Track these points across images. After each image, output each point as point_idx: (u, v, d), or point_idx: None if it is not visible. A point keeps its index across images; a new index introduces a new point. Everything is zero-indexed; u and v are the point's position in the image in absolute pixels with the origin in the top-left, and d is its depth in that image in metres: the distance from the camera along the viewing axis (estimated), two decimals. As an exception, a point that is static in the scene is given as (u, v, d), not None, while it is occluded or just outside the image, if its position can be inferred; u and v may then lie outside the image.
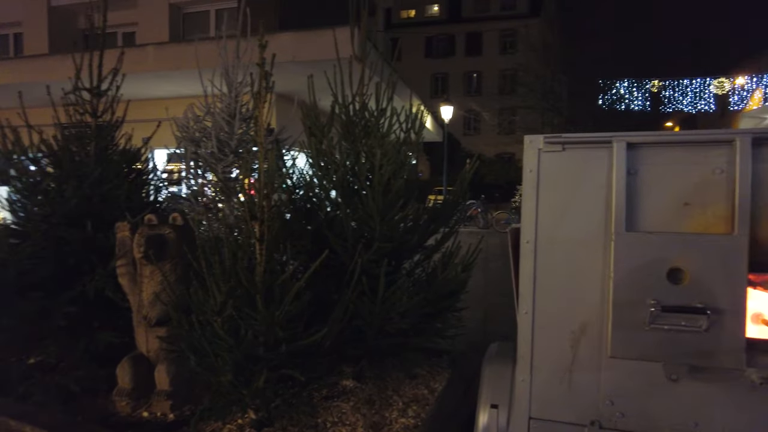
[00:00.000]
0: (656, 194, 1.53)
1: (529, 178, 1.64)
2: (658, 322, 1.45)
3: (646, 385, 1.56)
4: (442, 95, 32.18)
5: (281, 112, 7.23)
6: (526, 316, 1.67)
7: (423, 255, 3.59)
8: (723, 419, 1.52)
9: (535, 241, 1.64)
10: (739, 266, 1.41)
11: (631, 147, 1.53)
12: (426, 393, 3.63)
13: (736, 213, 1.44)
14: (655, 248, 1.47)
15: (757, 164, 1.43)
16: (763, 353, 1.47)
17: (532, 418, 1.70)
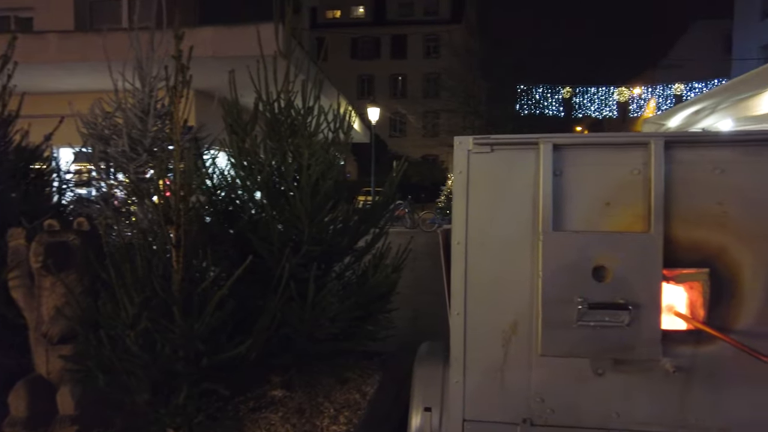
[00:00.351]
0: (580, 194, 1.57)
1: (459, 179, 1.63)
2: (585, 319, 1.49)
3: (574, 381, 1.61)
4: (368, 96, 32.35)
5: (200, 109, 6.85)
6: (458, 318, 1.66)
7: (353, 257, 3.53)
8: (641, 407, 1.59)
9: (465, 242, 1.63)
10: (655, 263, 1.48)
11: (557, 148, 1.56)
12: (358, 397, 3.57)
13: (651, 212, 1.51)
14: (581, 247, 1.52)
15: (669, 165, 1.51)
16: (675, 343, 1.56)
17: (466, 420, 1.69)
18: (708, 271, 1.53)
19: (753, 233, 1.50)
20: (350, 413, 3.31)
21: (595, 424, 1.62)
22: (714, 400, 1.55)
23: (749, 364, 1.52)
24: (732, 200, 1.51)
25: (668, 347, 1.54)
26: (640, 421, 1.59)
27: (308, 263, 2.84)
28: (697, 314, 1.57)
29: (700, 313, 1.56)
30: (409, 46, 37.55)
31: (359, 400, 3.52)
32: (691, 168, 1.52)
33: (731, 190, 1.51)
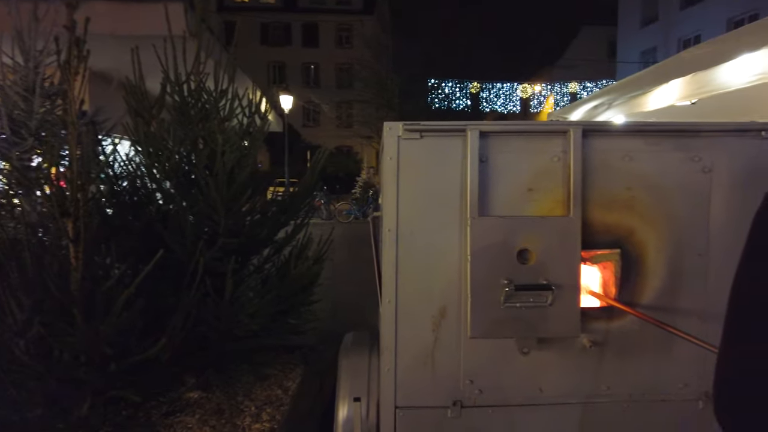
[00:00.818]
0: (505, 181, 1.62)
1: (389, 165, 1.61)
2: (512, 300, 1.54)
3: (501, 361, 1.66)
4: (280, 84, 31.49)
5: (97, 92, 6.23)
6: (390, 305, 1.64)
7: (273, 249, 3.41)
8: (561, 381, 1.69)
9: (396, 229, 1.62)
10: (574, 245, 1.56)
11: (483, 136, 1.59)
12: (280, 393, 3.47)
13: (570, 197, 1.59)
14: (506, 232, 1.56)
15: (586, 153, 1.60)
16: (591, 320, 1.67)
17: (398, 407, 1.69)
18: (619, 251, 1.65)
19: (655, 216, 1.64)
20: (273, 410, 3.21)
21: (521, 401, 1.69)
22: (622, 369, 1.69)
23: (653, 335, 1.67)
24: (638, 185, 1.64)
25: (585, 324, 1.64)
26: (561, 394, 1.69)
27: (225, 257, 2.69)
28: (610, 292, 1.69)
29: (612, 290, 1.68)
30: (321, 35, 37.03)
31: (281, 396, 3.43)
32: (605, 155, 1.62)
33: (638, 176, 1.63)
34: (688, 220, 1.64)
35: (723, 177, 1.64)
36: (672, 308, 1.68)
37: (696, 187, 1.64)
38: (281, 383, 3.60)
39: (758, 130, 1.65)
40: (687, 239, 1.65)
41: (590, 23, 32.79)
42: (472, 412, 1.69)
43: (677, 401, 1.71)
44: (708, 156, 1.63)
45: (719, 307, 1.71)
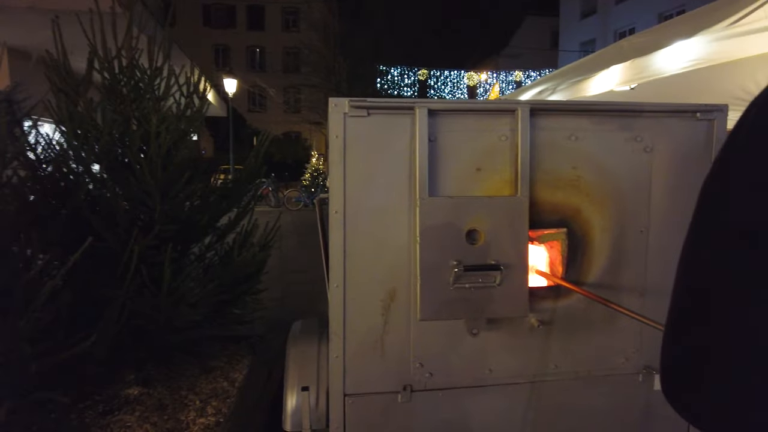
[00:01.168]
0: (454, 160, 1.59)
1: (335, 144, 1.54)
2: (461, 281, 1.51)
3: (451, 343, 1.64)
4: (224, 68, 30.35)
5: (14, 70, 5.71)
6: (338, 290, 1.58)
7: (215, 236, 3.25)
8: (510, 362, 1.70)
9: (344, 211, 1.55)
10: (522, 225, 1.56)
11: (432, 114, 1.55)
12: (226, 385, 3.35)
13: (518, 176, 1.58)
14: (454, 212, 1.53)
15: (533, 132, 1.60)
16: (539, 299, 1.68)
17: (347, 394, 1.64)
18: (566, 230, 1.66)
19: (600, 195, 1.66)
20: (219, 403, 3.09)
21: (471, 383, 1.68)
22: (569, 347, 1.71)
23: (598, 313, 1.70)
24: (584, 165, 1.65)
25: (533, 303, 1.65)
26: (510, 374, 1.70)
27: (162, 245, 2.53)
28: (557, 271, 1.70)
29: (558, 270, 1.69)
30: (267, 18, 35.89)
31: (228, 388, 3.31)
32: (552, 135, 1.62)
33: (583, 155, 1.65)
34: (630, 198, 1.68)
35: (662, 156, 1.68)
36: (615, 285, 1.72)
37: (638, 166, 1.67)
38: (228, 375, 3.48)
39: (693, 111, 1.70)
40: (630, 217, 1.69)
41: (534, 14, 33.62)
42: (422, 396, 1.67)
43: (619, 375, 1.76)
44: (649, 136, 1.67)
45: (658, 283, 1.78)
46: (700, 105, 1.68)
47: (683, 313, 0.58)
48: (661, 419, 1.81)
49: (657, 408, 1.80)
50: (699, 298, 0.56)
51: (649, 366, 1.77)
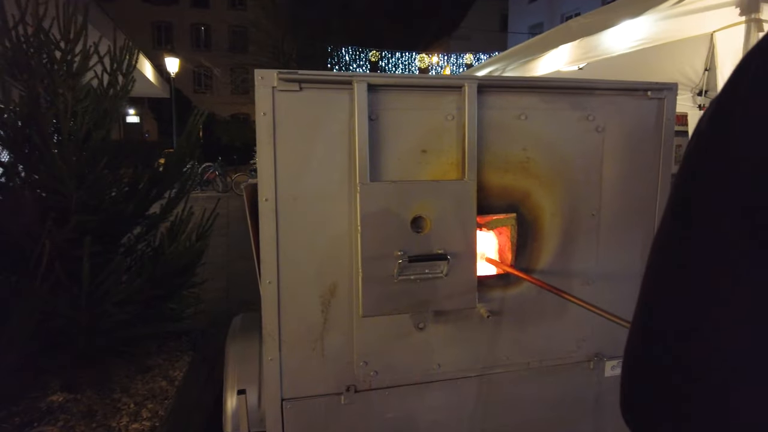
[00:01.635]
0: (397, 141, 1.45)
1: (263, 122, 1.36)
2: (406, 272, 1.39)
3: (396, 339, 1.53)
4: (165, 46, 28.81)
5: None
6: (271, 286, 1.42)
7: (146, 226, 2.99)
8: (459, 355, 1.60)
9: (275, 198, 1.39)
10: (470, 211, 1.45)
11: (372, 90, 1.40)
12: (164, 385, 3.13)
13: (466, 159, 1.46)
14: (398, 198, 1.40)
15: (481, 111, 1.48)
16: (488, 288, 1.59)
17: (285, 399, 1.49)
18: (515, 216, 1.57)
19: (550, 177, 1.58)
20: (155, 405, 2.88)
21: (419, 379, 1.58)
22: (521, 337, 1.64)
23: (549, 300, 1.63)
24: (534, 146, 1.55)
25: (482, 293, 1.56)
26: (460, 368, 1.61)
27: (81, 237, 2.27)
28: (506, 258, 1.61)
29: (508, 257, 1.60)
30: (211, -6, 34.23)
31: (166, 388, 3.09)
32: (501, 114, 1.51)
33: (533, 136, 1.55)
34: (582, 180, 1.60)
35: (613, 136, 1.61)
36: (566, 271, 1.65)
37: (589, 146, 1.59)
38: (166, 374, 3.26)
39: (644, 89, 1.63)
40: (581, 200, 1.61)
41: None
42: (367, 396, 1.55)
43: (571, 364, 1.71)
44: (600, 115, 1.59)
45: (608, 268, 1.73)
46: (652, 83, 1.62)
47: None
48: (611, 405, 1.78)
49: (607, 394, 1.77)
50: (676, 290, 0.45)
51: (600, 353, 1.72)
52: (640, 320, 0.48)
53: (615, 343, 1.73)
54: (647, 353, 0.46)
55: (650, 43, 2.66)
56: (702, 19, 2.39)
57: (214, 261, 6.95)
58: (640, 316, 0.48)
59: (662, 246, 0.46)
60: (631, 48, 2.74)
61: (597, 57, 3.04)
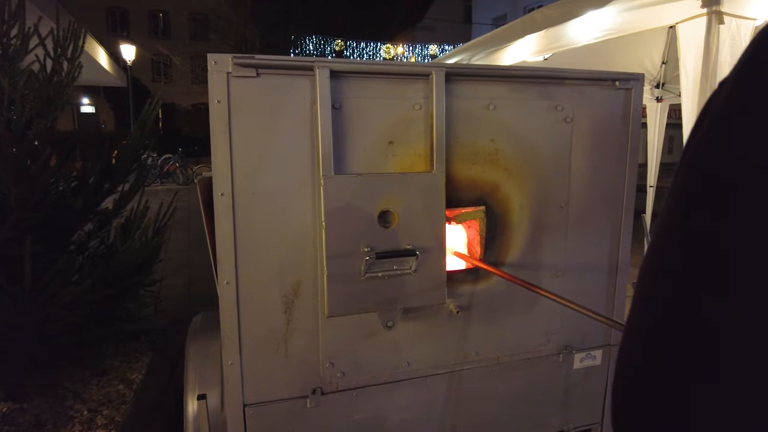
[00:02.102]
0: (362, 131, 1.38)
1: (217, 110, 1.27)
2: (373, 269, 1.33)
3: (364, 338, 1.47)
4: (121, 33, 27.62)
5: None
6: (229, 287, 1.34)
7: (98, 222, 2.82)
8: (429, 352, 1.56)
9: (232, 193, 1.29)
10: (439, 204, 1.40)
11: (335, 76, 1.32)
12: (122, 389, 2.99)
13: (434, 150, 1.41)
14: (365, 191, 1.34)
15: (449, 100, 1.42)
16: (457, 283, 1.54)
17: (247, 405, 1.41)
18: (484, 208, 1.52)
19: (519, 169, 1.54)
20: (111, 411, 2.74)
21: (387, 378, 1.53)
22: (491, 332, 1.61)
23: (518, 294, 1.60)
24: (503, 137, 1.51)
25: (451, 288, 1.51)
26: (429, 365, 1.56)
27: (23, 236, 2.10)
28: (475, 252, 1.57)
29: (477, 251, 1.56)
30: (169, -21, 32.92)
31: (124, 392, 2.95)
32: (469, 103, 1.46)
33: (502, 126, 1.51)
34: (551, 172, 1.57)
35: (582, 127, 1.59)
36: (535, 264, 1.62)
37: (558, 137, 1.56)
38: (124, 377, 3.11)
39: (613, 79, 1.61)
40: (550, 192, 1.58)
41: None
42: (334, 398, 1.48)
43: (540, 357, 1.69)
44: (569, 105, 1.56)
45: (577, 259, 1.72)
46: (619, 73, 1.60)
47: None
48: (579, 396, 1.78)
49: (576, 386, 1.76)
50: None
51: (569, 345, 1.71)
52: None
53: (584, 336, 1.73)
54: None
55: (614, 34, 2.67)
56: (665, 10, 2.41)
57: (174, 257, 6.73)
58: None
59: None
60: (596, 39, 2.75)
61: (562, 48, 3.04)
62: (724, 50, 2.27)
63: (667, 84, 5.92)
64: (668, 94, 6.10)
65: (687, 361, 0.38)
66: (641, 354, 0.42)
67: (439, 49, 28.37)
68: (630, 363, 0.43)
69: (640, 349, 0.42)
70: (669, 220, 0.42)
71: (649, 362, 0.41)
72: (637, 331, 0.43)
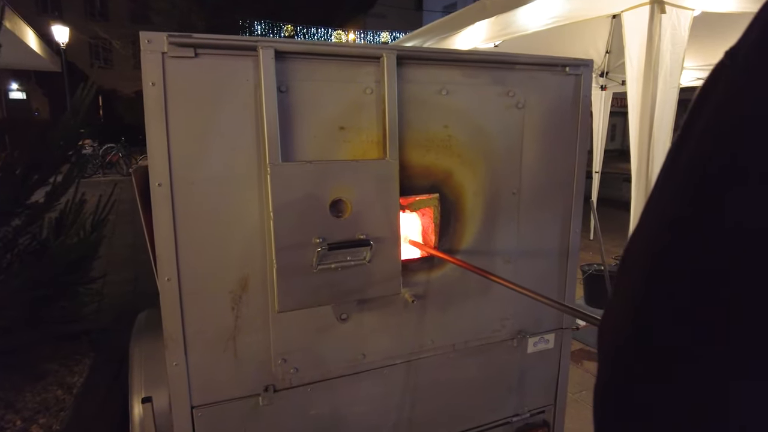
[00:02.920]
0: (311, 116, 1.31)
1: (152, 94, 1.17)
2: (326, 261, 1.28)
3: (318, 332, 1.42)
4: (53, 13, 25.80)
5: None
6: (170, 284, 1.25)
7: (27, 217, 2.60)
8: (385, 342, 1.53)
9: (170, 183, 1.20)
10: (393, 192, 1.36)
11: (281, 57, 1.25)
12: (60, 394, 2.81)
13: (387, 136, 1.36)
14: (315, 180, 1.28)
15: (402, 84, 1.38)
16: (412, 272, 1.52)
17: (195, 406, 1.34)
18: (438, 196, 1.50)
19: (472, 156, 1.52)
20: (48, 419, 2.57)
21: (343, 371, 1.49)
22: (446, 320, 1.59)
23: (473, 281, 1.59)
24: (456, 123, 1.49)
25: (406, 277, 1.49)
26: (386, 356, 1.53)
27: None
28: (430, 240, 1.55)
29: (432, 239, 1.54)
30: (105, -43, 31.01)
31: (63, 397, 2.78)
32: (422, 88, 1.42)
33: (455, 112, 1.48)
34: (503, 158, 1.57)
35: (534, 113, 1.58)
36: (488, 250, 1.62)
37: (510, 123, 1.56)
38: (63, 381, 2.92)
39: (563, 65, 1.62)
40: (502, 178, 1.58)
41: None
42: (288, 395, 1.43)
43: (495, 343, 1.70)
44: (521, 91, 1.55)
45: (529, 245, 1.73)
46: (570, 59, 1.61)
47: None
48: (533, 380, 1.81)
49: (530, 370, 1.79)
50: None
51: (523, 330, 1.73)
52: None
53: (537, 320, 1.75)
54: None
55: (562, 21, 2.70)
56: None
57: (119, 251, 6.42)
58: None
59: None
60: (544, 26, 2.77)
61: (511, 35, 3.05)
62: (666, 39, 2.34)
63: (610, 73, 6.12)
64: (612, 82, 6.32)
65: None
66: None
67: (390, 36, 28.26)
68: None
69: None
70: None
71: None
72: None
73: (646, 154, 2.56)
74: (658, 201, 0.41)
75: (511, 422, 1.80)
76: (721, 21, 2.72)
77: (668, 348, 0.37)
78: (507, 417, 1.80)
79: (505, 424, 1.80)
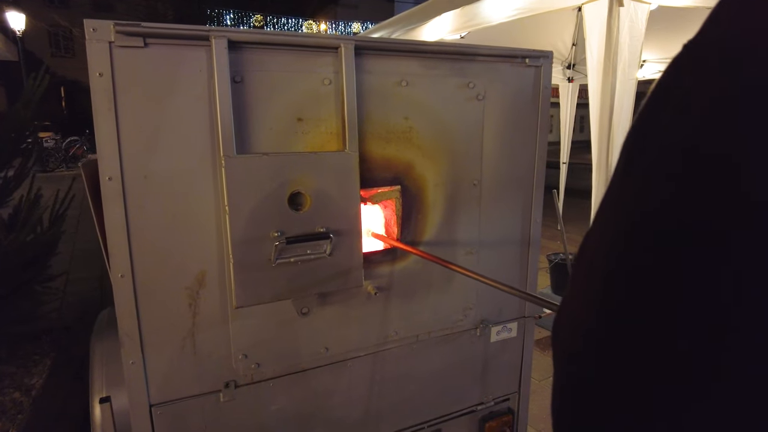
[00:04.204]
0: (267, 108, 1.29)
1: (99, 85, 1.13)
2: (284, 255, 1.27)
3: (278, 327, 1.41)
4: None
5: None
6: (124, 281, 1.22)
7: (-22, 214, 2.50)
8: (348, 335, 1.53)
9: (122, 177, 1.17)
10: (353, 184, 1.35)
11: (235, 47, 1.22)
12: (18, 396, 2.72)
13: (346, 128, 1.35)
14: (273, 172, 1.26)
15: (361, 75, 1.37)
16: (374, 265, 1.52)
17: (153, 405, 1.31)
18: (399, 188, 1.50)
19: (432, 147, 1.53)
20: (5, 422, 2.49)
21: (305, 366, 1.48)
22: (409, 311, 1.60)
23: (436, 272, 1.60)
24: (416, 114, 1.49)
25: (368, 270, 1.49)
26: (349, 348, 1.53)
27: None
28: (392, 232, 1.55)
29: (394, 231, 1.54)
30: (64, -59, 29.69)
31: (20, 400, 2.69)
32: (381, 79, 1.41)
33: (415, 104, 1.48)
34: (463, 150, 1.58)
35: (494, 104, 1.60)
36: (450, 241, 1.63)
37: (471, 115, 1.56)
38: (20, 383, 2.83)
39: (523, 57, 1.63)
40: (463, 170, 1.59)
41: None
42: (249, 391, 1.42)
43: (458, 333, 1.72)
44: (481, 83, 1.56)
45: (490, 236, 1.75)
46: (529, 50, 1.62)
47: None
48: (496, 369, 1.84)
49: (493, 359, 1.81)
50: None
51: (486, 319, 1.75)
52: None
53: (499, 309, 1.77)
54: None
55: (526, 12, 2.72)
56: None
57: (84, 247, 6.23)
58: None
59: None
60: (509, 17, 2.79)
61: (477, 26, 3.07)
62: (624, 32, 2.39)
63: (577, 65, 6.22)
64: (578, 74, 6.43)
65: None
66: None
67: (362, 26, 28.06)
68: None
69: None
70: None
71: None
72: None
73: (606, 144, 2.62)
74: (613, 201, 0.41)
75: (475, 411, 1.83)
76: (679, 14, 2.79)
77: (627, 348, 0.36)
78: (472, 406, 1.82)
79: (470, 412, 1.83)
